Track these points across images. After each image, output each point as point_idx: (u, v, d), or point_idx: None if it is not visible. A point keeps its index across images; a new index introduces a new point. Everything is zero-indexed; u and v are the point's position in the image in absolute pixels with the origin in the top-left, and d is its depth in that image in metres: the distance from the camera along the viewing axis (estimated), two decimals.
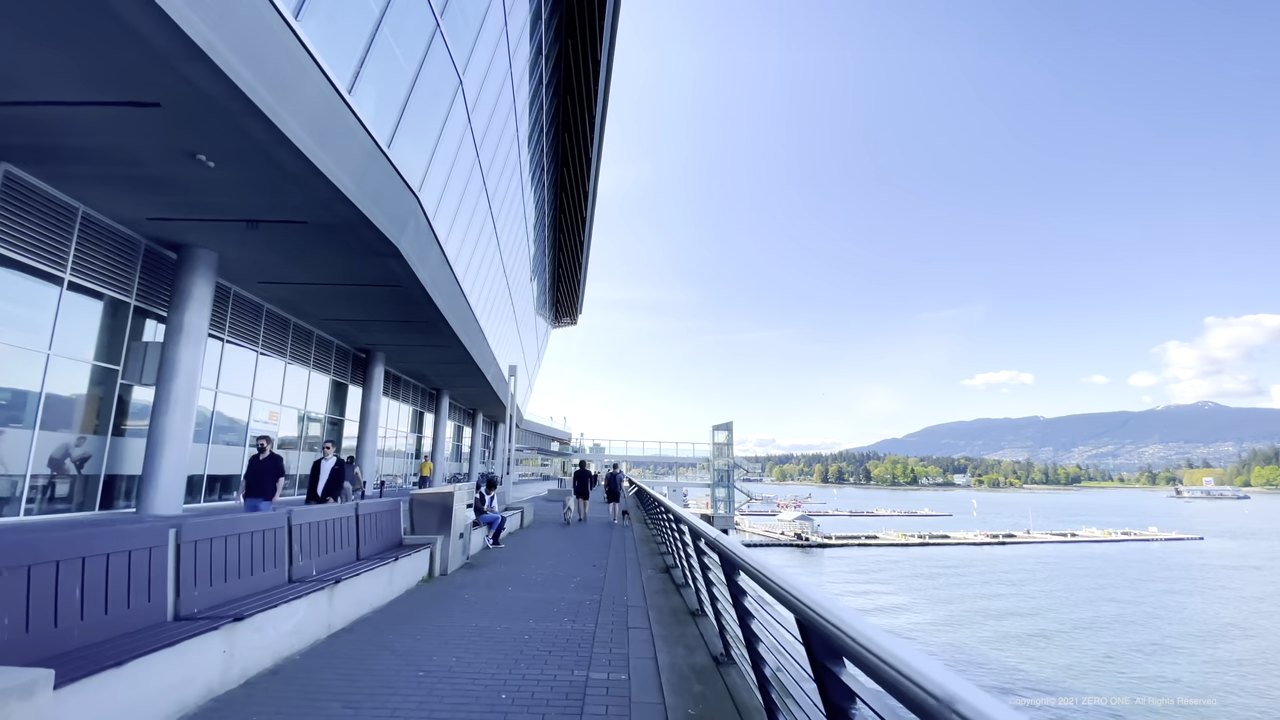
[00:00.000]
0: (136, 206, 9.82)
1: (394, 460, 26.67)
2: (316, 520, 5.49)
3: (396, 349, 20.99)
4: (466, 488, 8.32)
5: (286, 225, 10.31)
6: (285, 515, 5.08)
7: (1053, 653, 24.71)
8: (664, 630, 5.05)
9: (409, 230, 11.26)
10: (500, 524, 10.08)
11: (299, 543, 5.12)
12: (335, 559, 5.70)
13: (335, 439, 20.35)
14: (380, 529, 6.36)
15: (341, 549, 5.82)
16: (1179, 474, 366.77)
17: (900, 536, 68.68)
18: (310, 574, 5.15)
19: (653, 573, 7.79)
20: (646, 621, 5.37)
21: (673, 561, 8.85)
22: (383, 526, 6.40)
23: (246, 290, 14.12)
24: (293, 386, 17.06)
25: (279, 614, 4.25)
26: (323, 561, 5.44)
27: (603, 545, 11.39)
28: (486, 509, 10.19)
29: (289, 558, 5.01)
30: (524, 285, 29.26)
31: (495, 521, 10.01)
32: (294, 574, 4.99)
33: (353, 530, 6.05)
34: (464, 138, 13.10)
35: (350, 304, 15.30)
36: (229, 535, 4.23)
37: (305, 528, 5.25)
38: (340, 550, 5.82)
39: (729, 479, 51.71)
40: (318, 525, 5.49)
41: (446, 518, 7.03)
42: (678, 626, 5.29)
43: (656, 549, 11.02)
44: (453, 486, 6.98)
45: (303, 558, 5.16)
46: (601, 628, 5.25)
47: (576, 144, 25.11)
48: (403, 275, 12.54)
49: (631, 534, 13.24)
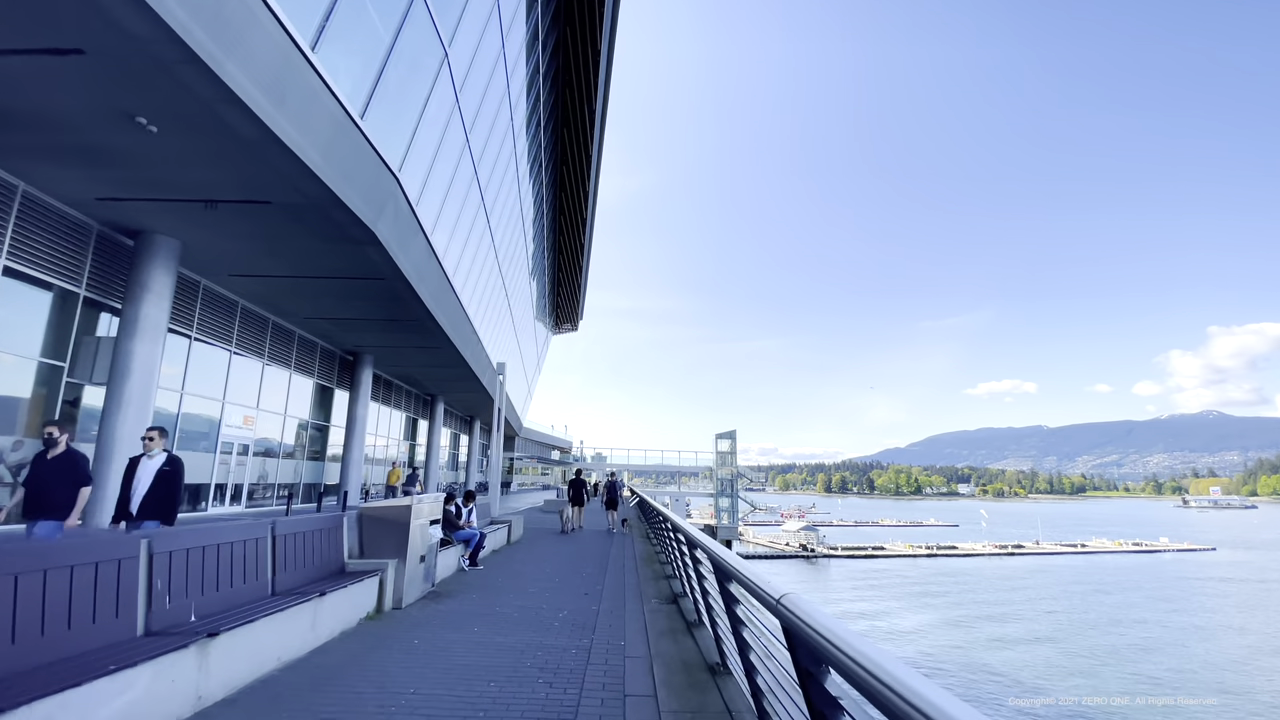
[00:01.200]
0: (82, 184, 8.84)
1: (385, 469, 25.59)
2: (199, 545, 4.00)
3: (385, 351, 19.97)
4: (432, 500, 6.53)
5: (249, 207, 9.33)
6: (140, 541, 3.64)
7: (1104, 683, 23.28)
8: (676, 701, 3.69)
9: (388, 214, 10.27)
10: (479, 542, 8.71)
11: (162, 577, 3.66)
12: (235, 596, 4.25)
13: (320, 446, 19.30)
14: (310, 553, 4.92)
15: (247, 582, 4.38)
16: (1184, 483, 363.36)
17: (908, 547, 67.21)
18: (186, 620, 3.75)
19: (657, 604, 6.61)
20: (651, 685, 4.00)
21: (681, 589, 7.45)
22: (314, 550, 4.96)
23: (217, 284, 13.12)
24: (272, 389, 16.03)
25: (89, 696, 2.77)
26: (213, 601, 4.05)
27: (598, 564, 10.05)
28: (464, 524, 8.90)
29: (144, 601, 3.54)
30: (522, 287, 28.28)
31: (473, 539, 8.65)
32: (152, 623, 3.56)
33: (266, 556, 4.58)
34: (451, 119, 12.15)
35: (331, 300, 14.29)
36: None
37: (177, 556, 3.81)
38: (245, 584, 4.37)
39: (733, 489, 50.48)
40: (201, 552, 4.01)
41: (403, 537, 5.56)
42: (694, 694, 3.84)
43: (660, 570, 9.52)
44: (412, 499, 5.80)
45: (172, 598, 3.71)
46: (589, 696, 3.85)
47: (576, 141, 24.22)
48: (384, 266, 11.56)
49: (631, 548, 12.00)
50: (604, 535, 15.23)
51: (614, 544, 12.93)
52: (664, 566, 9.44)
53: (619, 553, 11.23)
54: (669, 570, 9.06)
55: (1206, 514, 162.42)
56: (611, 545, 12.63)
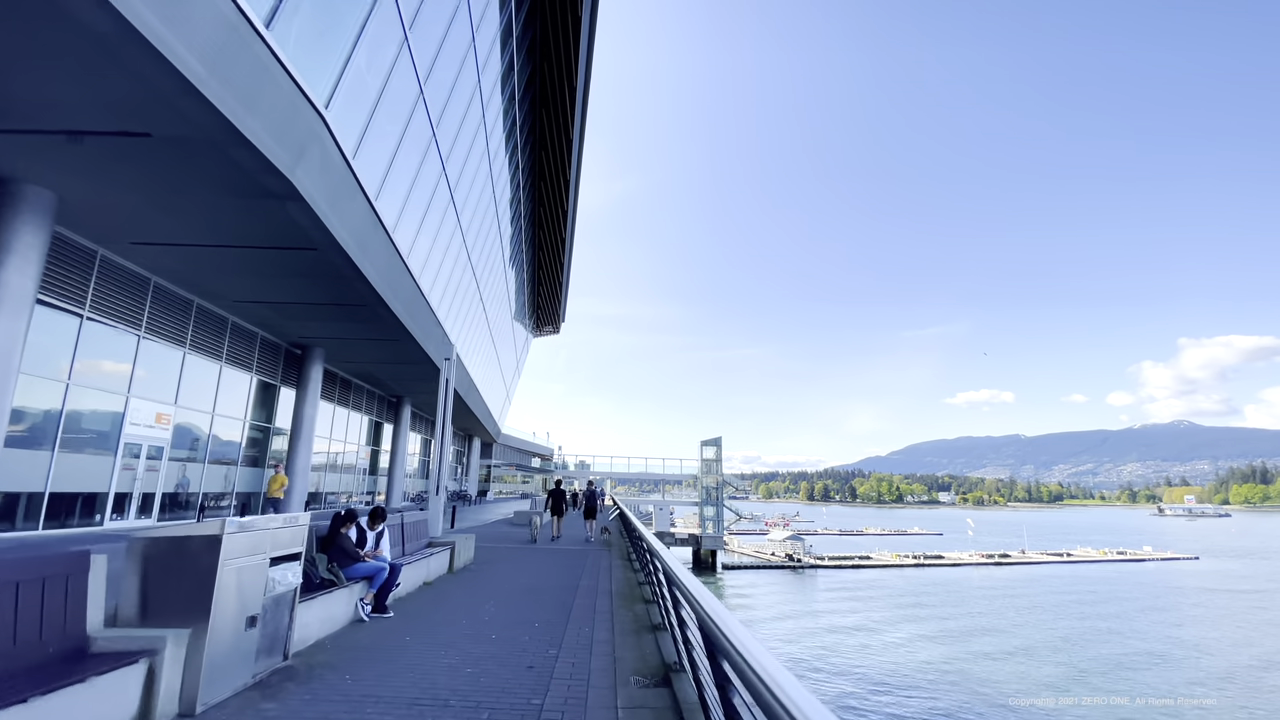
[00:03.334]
0: None
1: (342, 477, 23.37)
2: None
3: (337, 344, 17.88)
4: (289, 523, 4.10)
5: (126, 142, 7.38)
6: None
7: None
8: None
9: (311, 162, 8.36)
10: (388, 579, 6.23)
11: None
12: None
13: (261, 451, 17.14)
14: (23, 618, 2.63)
15: None
16: (1158, 492, 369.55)
17: (894, 557, 65.98)
18: None
19: (639, 686, 4.10)
20: None
21: (675, 657, 4.82)
22: (30, 612, 2.66)
23: (118, 254, 11.05)
24: (196, 384, 13.91)
25: None
26: None
27: (561, 603, 7.38)
28: (370, 554, 6.36)
29: None
30: (497, 281, 26.31)
31: (378, 575, 6.16)
32: None
33: None
34: (399, 58, 10.27)
35: (262, 278, 12.29)
36: None
37: None
38: None
39: (718, 497, 48.75)
40: None
41: (203, 588, 3.26)
42: None
43: (644, 618, 6.60)
44: (228, 521, 3.53)
45: None
46: None
47: (555, 122, 22.39)
48: (315, 233, 9.63)
49: (608, 575, 9.76)
50: (578, 551, 13.32)
51: (587, 565, 10.90)
52: (648, 607, 7.29)
53: (590, 582, 9.07)
54: (655, 617, 6.68)
55: (1183, 522, 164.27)
56: (584, 569, 10.44)
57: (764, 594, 43.73)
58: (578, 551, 13.21)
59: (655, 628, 6.11)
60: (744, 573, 54.88)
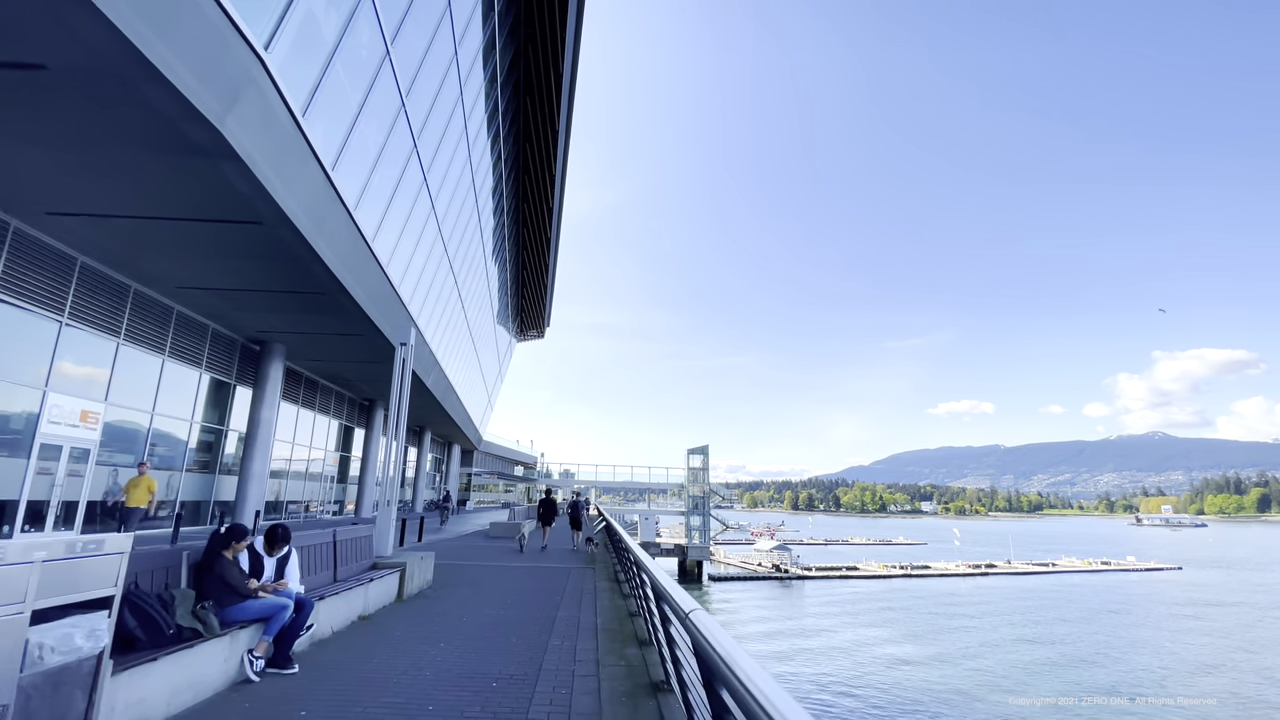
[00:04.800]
0: None
1: (307, 484, 21.85)
2: None
3: (299, 339, 16.49)
4: (89, 548, 2.67)
5: (17, 77, 6.13)
6: None
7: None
8: None
9: (247, 110, 7.14)
10: (292, 622, 4.62)
11: None
12: None
13: (212, 455, 15.67)
14: None
15: None
16: (1135, 502, 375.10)
17: (881, 567, 65.37)
18: None
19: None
20: None
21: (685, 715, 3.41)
22: None
23: (34, 226, 9.68)
24: (133, 379, 12.50)
25: None
26: None
27: (533, 643, 5.92)
28: (266, 587, 4.74)
29: None
30: (477, 276, 25.03)
31: (276, 616, 4.52)
32: None
33: None
34: (359, 9, 9.08)
35: (205, 259, 10.97)
36: None
37: None
38: None
39: (705, 507, 47.62)
40: None
41: None
42: None
43: (641, 667, 5.18)
44: None
45: None
46: None
47: (539, 110, 21.29)
48: (256, 200, 8.39)
49: (592, 600, 8.40)
50: (560, 569, 12.07)
51: (568, 587, 9.53)
52: (643, 651, 5.85)
53: (571, 613, 7.42)
54: (652, 662, 5.24)
55: (1161, 532, 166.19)
56: (564, 593, 8.91)
57: (752, 607, 42.54)
58: (559, 570, 11.85)
59: (657, 686, 4.57)
60: (731, 584, 53.72)
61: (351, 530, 7.11)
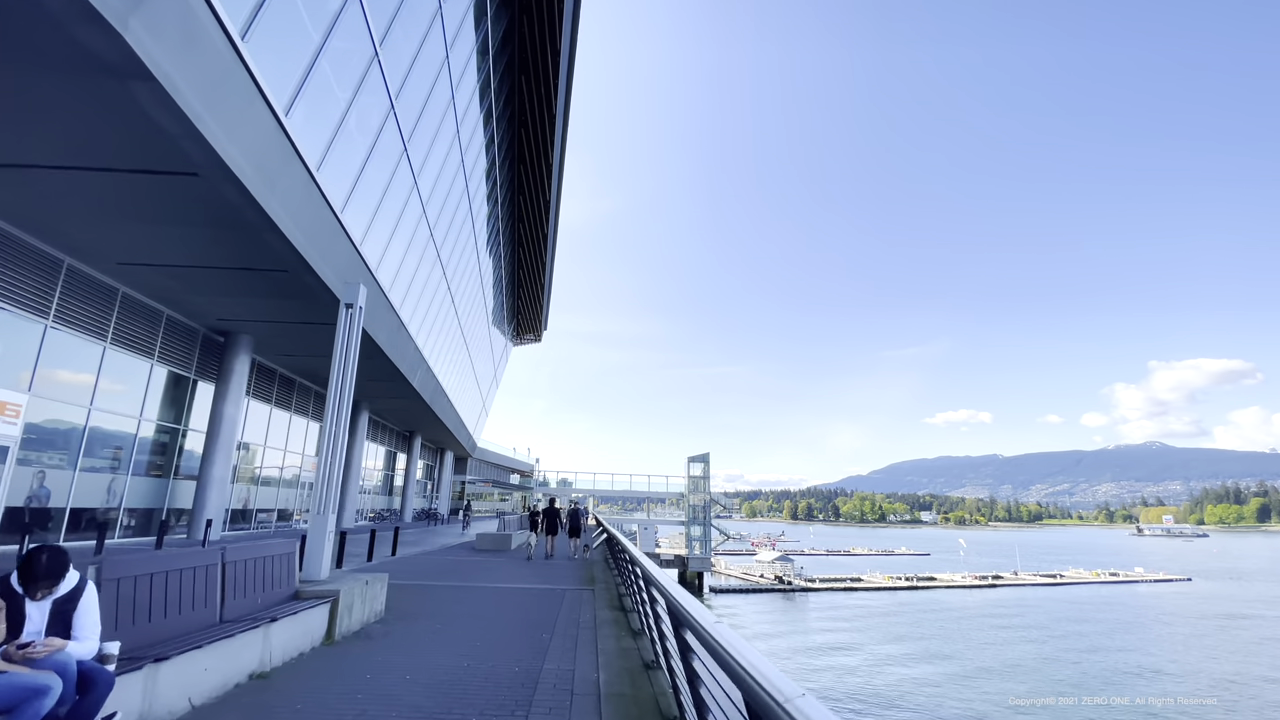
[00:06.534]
0: None
1: (280, 491, 20.24)
2: None
3: (269, 329, 14.97)
4: None
5: None
6: None
7: None
8: None
9: (159, 15, 5.69)
10: (70, 712, 2.75)
11: None
12: None
13: (167, 457, 14.10)
14: None
15: None
16: (1135, 511, 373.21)
17: (886, 579, 63.67)
18: None
19: None
20: None
21: None
22: None
23: None
24: (68, 369, 10.97)
25: None
26: None
27: (509, 709, 4.15)
28: (25, 651, 2.71)
29: None
30: (470, 272, 23.55)
31: (33, 701, 2.56)
32: None
33: None
34: None
35: (141, 222, 9.47)
36: None
37: None
38: None
39: (705, 516, 46.01)
40: None
41: None
42: None
43: (651, 704, 4.13)
44: None
45: None
46: None
47: (535, 94, 19.94)
48: (186, 142, 6.92)
49: (592, 635, 6.34)
50: (554, 592, 10.50)
51: (559, 619, 7.46)
52: (650, 667, 4.14)
53: (563, 665, 5.21)
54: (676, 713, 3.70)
55: (1163, 542, 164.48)
56: (554, 629, 6.80)
57: (758, 620, 40.83)
58: (551, 594, 9.78)
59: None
60: (733, 596, 52.04)
61: (256, 547, 5.06)
